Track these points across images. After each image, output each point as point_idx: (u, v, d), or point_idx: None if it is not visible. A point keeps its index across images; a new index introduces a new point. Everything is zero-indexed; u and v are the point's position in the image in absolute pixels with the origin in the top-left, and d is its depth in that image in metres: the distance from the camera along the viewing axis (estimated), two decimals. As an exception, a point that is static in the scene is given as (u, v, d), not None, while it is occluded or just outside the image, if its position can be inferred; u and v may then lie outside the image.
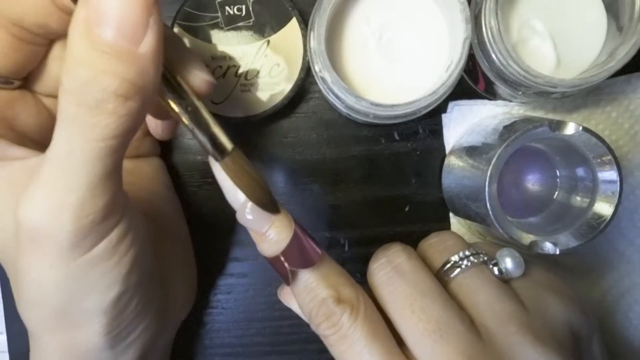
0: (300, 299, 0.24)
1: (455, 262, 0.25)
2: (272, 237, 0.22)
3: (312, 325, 0.24)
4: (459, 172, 0.32)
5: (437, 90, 0.26)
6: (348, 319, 0.22)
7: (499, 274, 0.25)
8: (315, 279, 0.23)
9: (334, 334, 0.22)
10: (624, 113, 0.33)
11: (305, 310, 0.24)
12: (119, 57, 0.17)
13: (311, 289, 0.23)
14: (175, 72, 0.21)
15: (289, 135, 0.34)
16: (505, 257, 0.25)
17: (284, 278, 0.23)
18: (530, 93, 0.29)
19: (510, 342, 0.22)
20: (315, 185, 0.34)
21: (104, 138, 0.18)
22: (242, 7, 0.30)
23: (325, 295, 0.22)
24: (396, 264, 0.24)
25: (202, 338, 0.35)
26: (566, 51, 0.29)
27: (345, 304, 0.22)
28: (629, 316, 0.33)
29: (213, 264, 0.35)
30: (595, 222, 0.28)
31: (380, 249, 0.26)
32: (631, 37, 0.26)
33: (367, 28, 0.30)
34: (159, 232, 0.28)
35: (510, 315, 0.23)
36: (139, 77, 0.17)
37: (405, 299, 0.23)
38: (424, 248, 0.28)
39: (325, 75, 0.27)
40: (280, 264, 0.23)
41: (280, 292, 0.27)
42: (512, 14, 0.30)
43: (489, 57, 0.28)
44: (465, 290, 0.24)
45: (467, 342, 0.22)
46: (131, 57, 0.17)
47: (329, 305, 0.22)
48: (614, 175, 0.27)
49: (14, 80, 0.24)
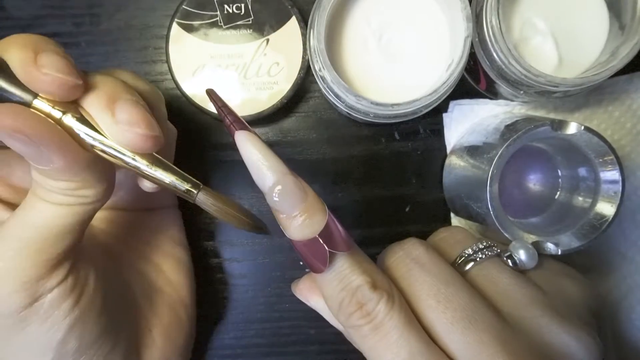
0: (329, 289, 0.22)
1: (470, 255, 0.25)
2: (305, 220, 0.21)
3: (339, 317, 0.22)
4: (460, 172, 0.32)
5: (437, 89, 0.26)
6: (385, 307, 0.21)
7: (514, 265, 0.25)
8: (349, 265, 0.22)
9: (368, 323, 0.21)
10: (626, 112, 0.33)
11: (334, 301, 0.22)
12: (50, 173, 0.20)
13: (344, 276, 0.22)
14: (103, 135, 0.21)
15: (288, 134, 0.34)
16: (519, 249, 0.25)
17: (314, 264, 0.21)
18: (531, 92, 0.29)
19: (537, 325, 0.22)
20: (315, 185, 0.33)
21: (60, 203, 0.20)
22: (242, 5, 0.30)
23: (360, 282, 0.21)
24: (414, 256, 0.24)
25: (202, 339, 0.34)
26: (568, 50, 0.29)
27: (382, 290, 0.21)
28: (632, 317, 0.33)
29: (212, 265, 0.34)
30: (597, 223, 0.28)
31: (395, 243, 0.25)
32: (633, 36, 0.26)
33: (368, 27, 0.30)
34: (146, 287, 0.28)
35: (532, 299, 0.23)
36: (74, 180, 0.20)
37: (430, 290, 0.22)
38: (435, 242, 0.27)
39: (325, 74, 0.27)
40: (313, 247, 0.21)
41: (296, 288, 0.26)
42: (514, 12, 0.29)
43: (490, 56, 0.28)
44: (482, 281, 0.24)
45: (497, 327, 0.21)
46: (55, 173, 0.20)
47: (364, 292, 0.21)
48: (616, 175, 0.27)
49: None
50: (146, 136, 0.20)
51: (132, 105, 0.21)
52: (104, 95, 0.21)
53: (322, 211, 0.21)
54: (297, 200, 0.21)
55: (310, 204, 0.21)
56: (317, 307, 0.25)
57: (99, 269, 0.24)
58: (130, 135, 0.20)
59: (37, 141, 0.18)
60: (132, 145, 0.20)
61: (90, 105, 0.20)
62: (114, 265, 0.27)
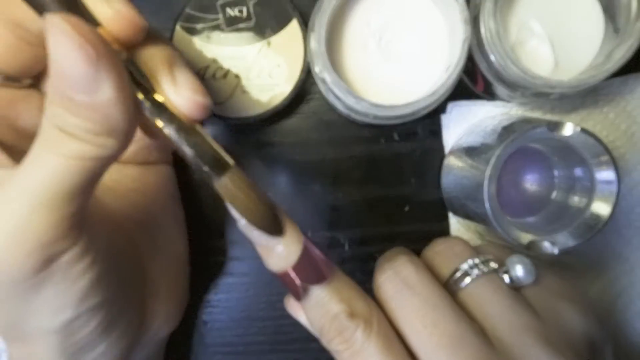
0: (310, 315, 0.23)
1: (465, 271, 0.24)
2: (281, 252, 0.21)
3: (323, 341, 0.23)
4: (458, 173, 0.32)
5: (436, 91, 0.27)
6: (362, 334, 0.21)
7: (510, 282, 0.24)
8: (327, 294, 0.22)
9: (347, 349, 0.21)
10: (621, 114, 0.33)
11: (316, 326, 0.23)
12: (79, 107, 0.17)
13: (323, 305, 0.22)
14: (161, 92, 0.20)
15: (289, 136, 0.34)
16: (516, 265, 0.24)
17: (294, 294, 0.22)
18: (528, 94, 0.29)
19: (527, 355, 0.21)
20: (315, 186, 0.34)
21: (73, 157, 0.18)
22: (243, 8, 0.31)
23: (337, 310, 0.22)
24: (403, 276, 0.24)
25: (204, 337, 0.35)
26: (564, 53, 0.30)
27: (359, 318, 0.21)
28: (627, 315, 0.34)
29: (214, 263, 0.35)
30: (592, 222, 0.28)
31: (385, 260, 0.25)
32: (628, 38, 0.27)
33: (367, 29, 0.30)
34: (151, 246, 0.28)
35: (525, 326, 0.22)
36: (103, 122, 0.18)
37: (416, 313, 0.22)
38: (430, 256, 0.26)
39: (325, 76, 0.27)
40: (289, 279, 0.22)
41: (287, 303, 0.26)
42: (511, 15, 0.30)
43: (488, 58, 0.28)
44: (476, 300, 0.24)
45: (482, 355, 0.21)
46: (90, 108, 0.17)
47: (341, 320, 0.21)
48: (611, 175, 0.27)
49: (21, 79, 0.24)
50: (202, 104, 0.20)
51: (190, 72, 0.20)
52: (165, 53, 0.20)
53: (299, 242, 0.22)
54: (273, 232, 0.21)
55: (288, 235, 0.22)
56: (305, 324, 0.25)
57: (109, 224, 0.23)
58: (186, 100, 0.20)
59: (101, 61, 0.17)
60: (186, 109, 0.20)
61: (151, 58, 0.20)
62: (117, 220, 0.26)
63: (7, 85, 0.23)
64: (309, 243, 0.22)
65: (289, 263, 0.21)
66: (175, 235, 0.31)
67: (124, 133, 0.19)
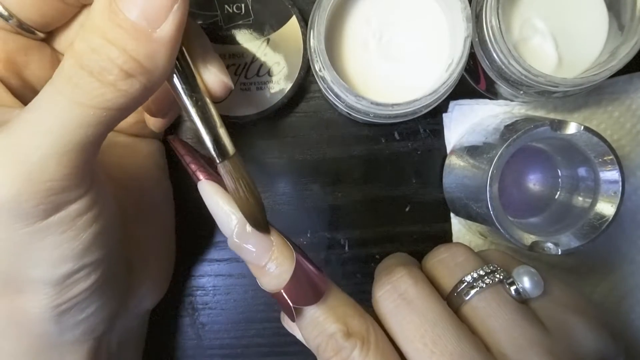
0: (306, 333, 0.22)
1: (469, 283, 0.23)
2: (273, 271, 0.21)
3: (319, 359, 0.22)
4: (459, 172, 0.32)
5: (437, 89, 0.26)
6: (359, 354, 0.21)
7: (516, 294, 0.23)
8: (322, 313, 0.22)
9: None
10: (625, 112, 0.33)
11: (312, 345, 0.22)
12: (134, 34, 0.17)
13: (318, 324, 0.22)
14: (193, 66, 0.20)
15: (288, 134, 0.34)
16: (523, 276, 0.23)
17: (288, 313, 0.22)
18: (531, 92, 0.29)
19: None
20: (315, 185, 0.34)
21: (93, 105, 0.17)
22: (242, 5, 0.30)
23: (333, 330, 0.21)
24: (402, 291, 0.23)
25: (202, 339, 0.34)
26: (567, 50, 0.29)
27: (356, 337, 0.21)
28: (631, 317, 0.33)
29: (212, 265, 0.34)
30: (597, 223, 0.28)
31: (384, 273, 0.24)
32: (632, 36, 0.26)
33: (367, 27, 0.30)
34: (138, 213, 0.28)
35: (531, 341, 0.21)
36: (147, 59, 0.17)
37: (416, 331, 0.21)
38: (433, 265, 0.25)
39: (325, 74, 0.27)
40: (283, 299, 0.21)
41: (284, 319, 0.26)
42: (514, 12, 0.29)
43: (490, 56, 0.28)
44: (480, 314, 0.22)
45: None
46: (145, 38, 0.17)
47: (338, 340, 0.21)
48: (615, 175, 0.27)
49: (37, 31, 0.24)
50: (228, 85, 0.22)
51: (218, 56, 0.22)
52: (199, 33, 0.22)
53: (291, 259, 0.21)
54: (263, 250, 0.21)
55: (279, 251, 0.21)
56: (302, 340, 0.24)
57: (108, 183, 0.24)
58: (216, 78, 0.22)
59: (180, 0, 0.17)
60: (214, 87, 0.22)
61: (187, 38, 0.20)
62: (111, 182, 0.26)
63: (20, 33, 0.23)
64: (301, 258, 0.22)
65: (281, 282, 0.21)
66: (163, 205, 0.31)
67: (154, 79, 0.18)
